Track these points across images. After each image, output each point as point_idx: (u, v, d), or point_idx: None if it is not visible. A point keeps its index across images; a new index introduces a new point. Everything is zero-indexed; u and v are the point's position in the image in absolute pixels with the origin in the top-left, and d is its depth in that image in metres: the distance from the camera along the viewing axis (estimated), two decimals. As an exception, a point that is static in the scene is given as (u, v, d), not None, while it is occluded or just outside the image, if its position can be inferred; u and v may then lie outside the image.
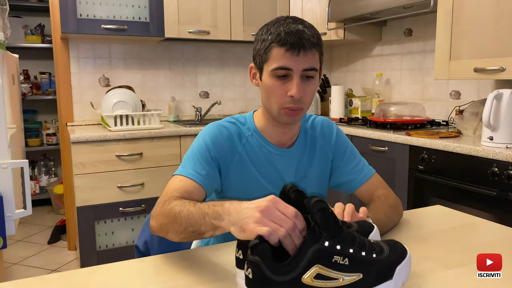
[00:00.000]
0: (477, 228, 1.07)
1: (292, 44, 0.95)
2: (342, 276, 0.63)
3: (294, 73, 0.97)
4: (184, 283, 0.78)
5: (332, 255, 0.63)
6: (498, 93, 1.72)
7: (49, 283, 0.81)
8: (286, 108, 1.00)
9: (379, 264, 0.66)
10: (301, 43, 0.95)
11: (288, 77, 0.98)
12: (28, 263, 2.68)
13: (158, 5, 2.61)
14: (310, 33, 0.97)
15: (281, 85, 0.99)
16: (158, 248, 1.24)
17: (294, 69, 0.97)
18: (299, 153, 1.14)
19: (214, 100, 3.13)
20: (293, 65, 0.96)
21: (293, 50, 0.95)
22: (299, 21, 0.99)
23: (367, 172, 1.17)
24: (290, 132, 1.11)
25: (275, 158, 1.11)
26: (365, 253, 0.66)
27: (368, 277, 0.65)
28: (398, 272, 0.67)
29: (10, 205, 1.38)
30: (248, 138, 1.10)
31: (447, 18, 2.01)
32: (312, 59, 0.98)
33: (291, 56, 0.96)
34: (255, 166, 1.09)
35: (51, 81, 3.75)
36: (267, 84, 1.01)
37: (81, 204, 2.32)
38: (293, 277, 0.62)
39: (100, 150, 2.32)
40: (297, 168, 1.13)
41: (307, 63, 0.97)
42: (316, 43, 0.98)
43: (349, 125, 2.58)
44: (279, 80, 0.99)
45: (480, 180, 1.73)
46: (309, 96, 1.01)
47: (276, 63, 0.97)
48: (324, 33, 2.89)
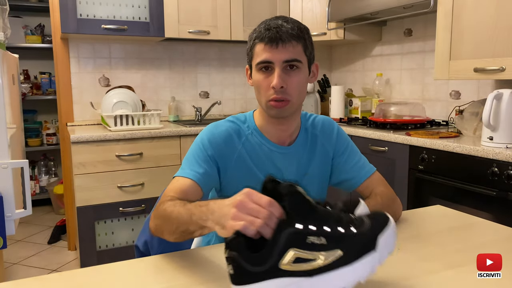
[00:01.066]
0: (477, 228, 1.07)
1: (270, 38, 0.99)
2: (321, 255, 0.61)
3: (275, 65, 1.01)
4: (184, 283, 0.78)
5: (306, 236, 0.61)
6: (498, 93, 1.72)
7: (49, 283, 0.81)
8: (272, 100, 1.03)
9: (359, 238, 0.63)
10: (278, 36, 0.99)
11: (271, 70, 1.02)
12: (28, 263, 2.68)
13: (158, 5, 2.61)
14: (289, 26, 1.01)
15: (265, 78, 1.03)
16: (158, 248, 1.24)
17: (274, 61, 1.01)
18: (300, 151, 1.14)
19: (214, 100, 3.13)
20: (273, 57, 1.00)
21: (272, 44, 1.00)
22: (282, 18, 1.03)
23: (368, 169, 1.17)
24: (288, 129, 1.12)
25: (275, 156, 1.12)
26: (343, 229, 0.63)
27: (349, 252, 0.62)
28: (382, 242, 0.64)
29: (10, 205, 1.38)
30: (248, 136, 1.11)
31: (447, 18, 2.01)
32: (292, 51, 1.01)
33: (270, 49, 1.00)
34: (255, 164, 1.10)
35: (51, 81, 3.75)
36: (255, 79, 1.06)
37: (81, 204, 2.32)
38: (271, 265, 0.61)
39: (100, 150, 2.32)
40: (298, 166, 1.14)
41: (287, 54, 1.00)
42: (296, 35, 1.01)
43: (349, 125, 2.58)
44: (263, 73, 1.03)
45: (480, 180, 1.73)
46: (293, 86, 1.03)
47: (259, 58, 1.02)
48: (324, 33, 2.89)
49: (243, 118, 1.15)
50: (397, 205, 1.11)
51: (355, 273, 0.61)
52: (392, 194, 1.13)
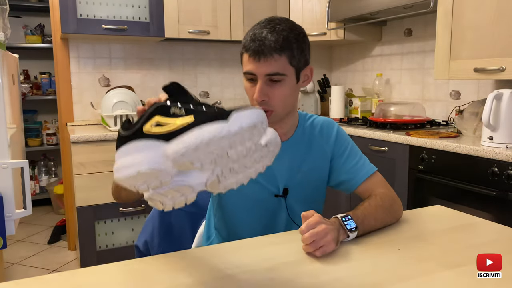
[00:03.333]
0: (477, 228, 1.07)
1: (254, 50, 1.00)
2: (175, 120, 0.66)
3: (258, 78, 1.02)
4: (184, 283, 0.78)
5: (170, 108, 0.68)
6: (498, 93, 1.72)
7: (49, 283, 0.81)
8: None
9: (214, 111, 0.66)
10: (260, 50, 0.99)
11: (255, 81, 1.03)
12: (28, 263, 2.68)
13: (158, 5, 2.61)
14: (273, 39, 0.99)
15: (251, 87, 1.05)
16: (158, 248, 1.24)
17: (257, 74, 1.01)
18: (293, 148, 1.15)
19: (214, 100, 3.13)
20: (256, 70, 1.01)
21: (255, 56, 1.00)
22: (271, 25, 1.02)
23: (368, 170, 1.16)
24: (280, 129, 1.12)
25: None
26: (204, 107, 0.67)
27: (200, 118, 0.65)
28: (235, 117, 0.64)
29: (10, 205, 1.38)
30: None
31: (447, 18, 2.01)
32: (274, 64, 1.00)
33: (253, 61, 1.01)
34: None
35: (51, 81, 3.75)
36: (244, 85, 1.08)
37: (81, 204, 2.32)
38: (136, 129, 0.68)
39: (100, 150, 2.32)
40: (290, 163, 1.14)
41: (269, 68, 1.00)
42: (279, 48, 0.99)
43: (349, 125, 2.58)
44: (250, 83, 1.05)
45: (480, 180, 1.73)
46: (276, 99, 1.03)
47: (245, 68, 1.04)
48: (324, 33, 2.89)
49: None
50: (398, 206, 1.11)
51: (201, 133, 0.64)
52: (393, 194, 1.13)
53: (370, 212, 1.01)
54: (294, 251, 0.91)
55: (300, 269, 0.83)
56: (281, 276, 0.80)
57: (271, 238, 0.99)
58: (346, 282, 0.78)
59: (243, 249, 0.90)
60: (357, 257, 0.88)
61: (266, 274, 0.81)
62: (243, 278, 0.79)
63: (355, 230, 0.95)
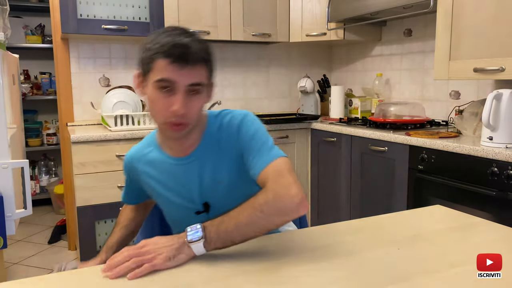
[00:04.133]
0: (477, 228, 1.07)
1: (177, 56, 0.90)
2: None
3: (179, 87, 0.92)
4: (184, 283, 0.78)
5: None
6: (497, 93, 1.72)
7: (49, 283, 0.81)
8: (169, 122, 0.95)
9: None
10: (185, 56, 0.91)
11: (172, 91, 0.93)
12: (28, 263, 2.68)
13: (158, 5, 2.61)
14: (197, 47, 0.93)
15: (164, 98, 0.93)
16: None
17: (178, 83, 0.92)
18: (201, 159, 1.04)
19: (214, 100, 3.13)
20: (178, 78, 0.92)
21: (178, 63, 0.91)
22: (189, 34, 0.94)
23: (263, 161, 0.97)
24: (186, 141, 1.04)
25: (175, 170, 1.06)
26: None
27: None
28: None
29: (10, 205, 1.39)
30: (146, 155, 1.12)
31: (447, 18, 2.01)
32: (198, 74, 0.93)
33: (174, 68, 0.91)
34: (158, 181, 1.10)
35: (52, 81, 3.75)
36: (150, 96, 0.96)
37: (81, 204, 2.32)
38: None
39: (100, 150, 2.32)
40: (200, 174, 1.04)
41: (193, 78, 0.93)
42: (203, 58, 0.94)
43: (349, 125, 2.58)
44: (162, 93, 0.93)
45: (479, 180, 1.73)
46: (194, 111, 0.96)
47: (160, 75, 0.92)
48: (324, 33, 2.89)
49: (150, 136, 1.16)
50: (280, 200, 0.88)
51: None
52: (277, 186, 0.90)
53: (231, 216, 0.87)
54: (293, 251, 0.91)
55: (300, 269, 0.83)
56: (281, 276, 0.80)
57: (270, 238, 0.99)
58: (346, 282, 0.78)
59: (242, 250, 0.90)
60: (357, 257, 0.88)
61: (265, 274, 0.81)
62: (243, 278, 0.79)
63: (198, 239, 0.84)
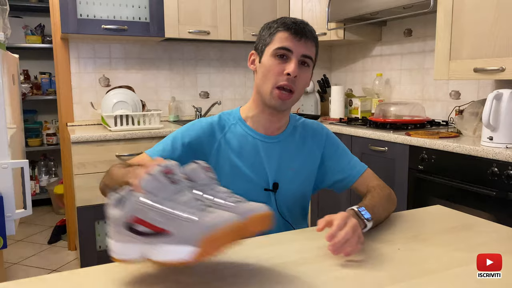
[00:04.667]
0: (477, 228, 1.07)
1: (296, 30, 1.06)
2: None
3: (294, 55, 1.07)
4: (184, 283, 0.78)
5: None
6: (498, 93, 1.72)
7: (49, 283, 0.81)
8: (280, 87, 1.07)
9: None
10: (304, 31, 1.07)
11: (287, 59, 1.07)
12: (28, 263, 2.68)
13: (158, 5, 2.61)
14: (311, 29, 1.10)
15: (279, 64, 1.07)
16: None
17: (294, 51, 1.07)
18: (285, 143, 1.17)
19: (214, 100, 3.13)
20: (294, 47, 1.07)
21: (296, 35, 1.06)
22: (300, 20, 1.11)
23: (360, 168, 1.21)
24: (278, 122, 1.16)
25: (258, 145, 1.15)
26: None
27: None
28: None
29: (10, 205, 1.39)
30: (231, 126, 1.16)
31: (447, 18, 2.01)
32: (311, 48, 1.09)
33: (293, 39, 1.07)
34: (236, 153, 1.13)
35: (51, 81, 3.75)
36: (266, 63, 1.09)
37: (81, 204, 2.32)
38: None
39: (100, 150, 2.32)
40: (280, 157, 1.16)
41: (307, 49, 1.08)
42: (315, 38, 1.11)
43: (349, 125, 2.58)
44: (278, 59, 1.07)
45: (480, 180, 1.73)
46: (302, 81, 1.09)
47: (280, 44, 1.07)
48: (324, 33, 2.89)
49: (229, 111, 1.22)
50: (393, 194, 1.17)
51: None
52: (387, 186, 1.18)
53: (377, 202, 1.05)
54: (294, 251, 0.91)
55: (300, 269, 0.83)
56: (281, 276, 0.80)
57: (270, 238, 0.99)
58: (346, 282, 0.78)
59: (243, 249, 0.90)
60: (357, 257, 0.88)
61: (266, 275, 0.81)
62: (243, 278, 0.79)
63: (370, 219, 0.97)
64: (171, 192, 0.70)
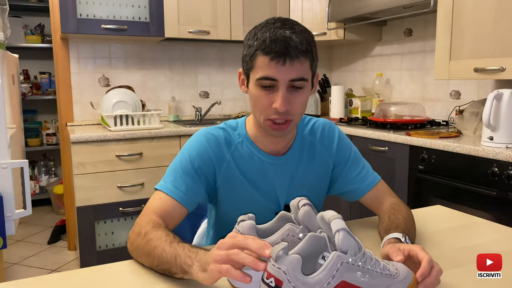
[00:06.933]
0: (477, 228, 1.07)
1: (277, 52, 0.88)
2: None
3: (280, 84, 0.91)
4: (184, 283, 0.78)
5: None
6: (498, 93, 1.72)
7: (49, 283, 0.81)
8: (271, 120, 0.95)
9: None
10: (287, 52, 0.88)
11: (274, 88, 0.92)
12: (28, 263, 2.68)
13: (158, 5, 2.61)
14: (298, 40, 0.89)
15: (266, 95, 0.93)
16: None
17: (279, 80, 0.90)
18: (294, 161, 1.07)
19: (214, 100, 3.13)
20: (278, 75, 0.90)
21: (278, 59, 0.89)
22: (288, 25, 0.92)
23: (372, 179, 1.10)
24: (283, 141, 1.05)
25: (267, 167, 1.05)
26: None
27: None
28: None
29: (10, 205, 1.38)
30: (237, 145, 1.04)
31: (447, 18, 2.01)
32: (300, 69, 0.91)
33: (275, 65, 0.89)
34: (245, 175, 1.04)
35: (51, 81, 3.75)
36: (253, 93, 0.95)
37: (81, 204, 2.32)
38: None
39: (100, 150, 2.32)
40: (292, 177, 1.07)
41: (294, 73, 0.90)
42: (305, 51, 0.90)
43: (349, 125, 2.58)
44: (264, 90, 0.93)
45: (480, 180, 1.73)
46: (297, 107, 0.94)
47: (261, 73, 0.91)
48: (324, 33, 2.89)
49: (234, 124, 1.07)
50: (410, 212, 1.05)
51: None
52: (403, 203, 1.08)
53: (410, 226, 0.96)
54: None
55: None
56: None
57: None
58: (346, 282, 0.78)
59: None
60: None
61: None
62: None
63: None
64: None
